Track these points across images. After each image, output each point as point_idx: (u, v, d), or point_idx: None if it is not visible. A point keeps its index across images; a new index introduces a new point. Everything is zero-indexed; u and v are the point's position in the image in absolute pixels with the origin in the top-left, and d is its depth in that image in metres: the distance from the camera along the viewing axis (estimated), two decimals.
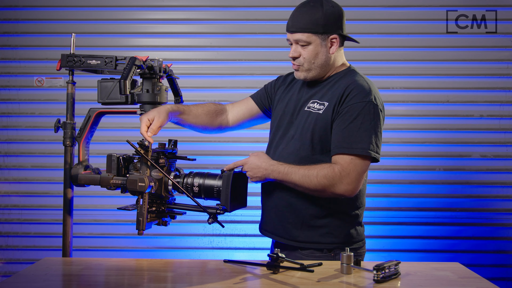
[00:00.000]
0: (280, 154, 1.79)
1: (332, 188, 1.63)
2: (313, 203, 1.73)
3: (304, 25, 1.70)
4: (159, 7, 3.12)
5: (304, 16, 1.71)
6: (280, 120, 1.85)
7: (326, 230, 1.73)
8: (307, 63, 1.74)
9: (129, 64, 1.60)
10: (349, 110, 1.66)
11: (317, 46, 1.72)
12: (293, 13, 1.75)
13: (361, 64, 3.05)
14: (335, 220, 1.74)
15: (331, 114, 1.70)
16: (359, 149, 1.63)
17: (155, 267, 1.62)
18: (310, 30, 1.70)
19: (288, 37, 1.76)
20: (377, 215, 3.05)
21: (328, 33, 1.72)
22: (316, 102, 1.75)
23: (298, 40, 1.72)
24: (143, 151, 1.62)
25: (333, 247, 1.73)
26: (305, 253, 1.74)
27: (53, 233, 3.08)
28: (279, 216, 1.79)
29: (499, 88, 3.05)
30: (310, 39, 1.71)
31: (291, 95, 1.87)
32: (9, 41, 3.13)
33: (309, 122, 1.74)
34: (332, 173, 1.62)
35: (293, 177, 1.65)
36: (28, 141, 3.13)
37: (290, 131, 1.80)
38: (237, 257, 1.76)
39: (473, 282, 1.48)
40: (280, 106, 1.88)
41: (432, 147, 3.05)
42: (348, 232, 1.75)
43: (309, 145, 1.73)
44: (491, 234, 3.05)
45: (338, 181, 1.62)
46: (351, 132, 1.64)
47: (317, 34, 1.71)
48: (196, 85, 3.09)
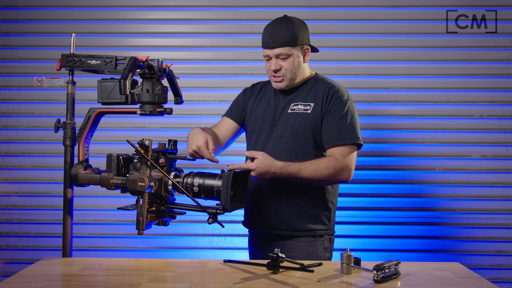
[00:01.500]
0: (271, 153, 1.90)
1: (338, 176, 1.86)
2: (306, 195, 1.95)
3: (284, 40, 1.92)
4: (159, 7, 3.12)
5: (282, 32, 1.92)
6: (262, 124, 2.04)
7: (317, 218, 1.97)
8: (290, 73, 1.95)
9: (129, 64, 1.60)
10: (337, 108, 1.93)
11: (296, 57, 1.95)
12: (269, 31, 1.95)
13: (361, 64, 3.07)
14: (323, 208, 1.98)
15: (319, 112, 1.94)
16: (352, 139, 1.90)
17: (155, 267, 1.62)
18: (289, 44, 1.93)
19: (267, 53, 1.96)
20: (377, 215, 3.05)
21: (302, 44, 1.97)
22: (300, 104, 1.98)
23: (279, 54, 1.93)
24: (143, 151, 1.62)
25: (323, 233, 1.98)
26: (300, 240, 1.95)
27: (53, 233, 3.08)
28: (276, 210, 1.96)
29: (499, 88, 3.05)
30: (290, 51, 1.93)
31: (266, 101, 2.08)
32: (9, 41, 3.13)
33: (298, 121, 1.95)
34: (337, 163, 1.85)
35: (304, 173, 1.83)
36: (28, 141, 3.13)
37: (275, 132, 1.99)
38: (237, 257, 1.76)
39: (473, 282, 1.48)
40: (258, 112, 2.08)
41: (432, 147, 3.05)
42: (332, 218, 2.02)
43: (303, 141, 1.94)
44: (491, 234, 3.05)
45: (342, 169, 1.86)
46: (343, 126, 1.91)
47: (295, 46, 1.94)
48: (196, 85, 3.09)
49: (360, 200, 3.04)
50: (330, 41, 3.06)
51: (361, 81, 3.05)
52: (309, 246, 1.95)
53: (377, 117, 3.06)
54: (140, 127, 3.09)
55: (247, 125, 2.13)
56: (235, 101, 2.21)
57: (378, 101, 3.06)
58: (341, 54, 3.06)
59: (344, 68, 3.03)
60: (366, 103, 3.04)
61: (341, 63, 3.05)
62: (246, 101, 2.17)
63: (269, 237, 1.99)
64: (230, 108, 2.22)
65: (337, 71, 3.02)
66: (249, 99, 2.16)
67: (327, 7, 3.08)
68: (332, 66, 3.04)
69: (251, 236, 2.12)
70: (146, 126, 3.10)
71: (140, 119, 2.94)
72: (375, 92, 3.07)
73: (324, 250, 1.98)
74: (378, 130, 3.04)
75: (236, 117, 2.17)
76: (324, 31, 3.06)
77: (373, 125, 3.06)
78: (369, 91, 3.06)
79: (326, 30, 3.07)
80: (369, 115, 3.04)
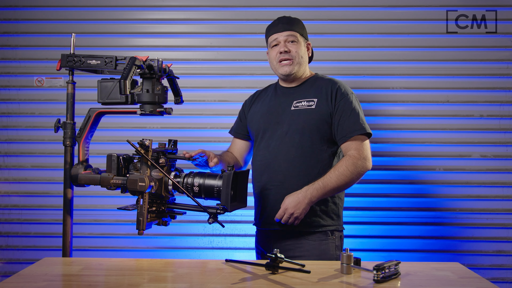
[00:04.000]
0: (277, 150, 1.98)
1: (360, 170, 1.94)
2: None
3: (293, 27, 2.06)
4: (159, 7, 3.12)
5: (291, 21, 2.08)
6: (265, 123, 2.08)
7: (326, 214, 2.00)
8: (297, 57, 2.05)
9: (129, 64, 1.60)
10: (345, 103, 1.99)
11: (302, 46, 2.08)
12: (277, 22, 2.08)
13: (361, 64, 3.07)
14: (331, 203, 2.02)
15: (327, 107, 2.00)
16: (362, 129, 1.97)
17: (155, 267, 1.62)
18: (298, 31, 2.08)
19: (275, 37, 2.05)
20: (377, 215, 3.05)
21: (307, 38, 2.13)
22: (303, 100, 2.03)
23: (289, 35, 2.04)
24: (143, 151, 1.62)
25: (333, 229, 2.01)
26: (311, 238, 1.98)
27: (53, 233, 3.08)
28: None
29: (499, 88, 3.05)
30: (299, 38, 2.07)
31: (267, 103, 2.13)
32: (9, 41, 3.13)
33: (303, 117, 2.00)
34: (355, 159, 1.92)
35: (330, 184, 1.90)
36: (28, 141, 3.13)
37: (279, 129, 2.03)
38: (237, 257, 1.76)
39: (473, 282, 1.48)
40: (259, 115, 2.13)
41: (432, 147, 3.05)
42: (340, 214, 2.07)
43: (309, 136, 1.98)
44: (491, 234, 3.05)
45: (361, 161, 1.93)
46: (355, 119, 1.98)
47: (302, 36, 2.09)
48: (196, 85, 3.09)
49: (360, 200, 3.03)
50: (330, 41, 3.06)
51: (361, 81, 3.05)
52: (321, 244, 1.96)
53: (377, 117, 3.06)
54: (140, 127, 3.09)
55: (250, 130, 2.18)
56: (237, 119, 2.30)
57: (378, 101, 3.06)
58: (341, 54, 3.06)
59: (344, 68, 3.03)
60: (366, 103, 3.04)
61: (341, 63, 3.05)
62: (247, 111, 2.23)
63: (280, 235, 1.99)
64: (235, 126, 2.30)
65: (337, 71, 3.02)
66: (250, 108, 2.22)
67: (327, 7, 3.08)
68: (332, 66, 3.04)
69: (260, 236, 2.11)
70: (146, 126, 3.10)
71: (140, 119, 2.94)
72: (375, 92, 3.06)
73: (336, 248, 1.99)
74: (378, 130, 3.04)
75: (241, 135, 2.25)
76: (324, 31, 3.06)
77: (373, 125, 3.04)
78: (369, 91, 3.06)
79: (326, 30, 3.07)
80: (369, 115, 3.04)
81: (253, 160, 2.14)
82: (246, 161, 2.27)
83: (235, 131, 2.28)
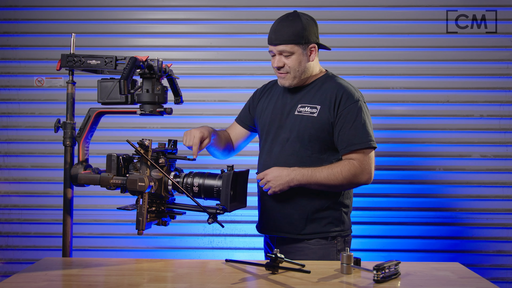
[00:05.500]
0: (278, 156, 1.93)
1: (356, 179, 1.86)
2: (315, 198, 1.91)
3: (287, 37, 1.88)
4: (159, 7, 3.12)
5: (286, 29, 1.89)
6: (270, 125, 2.02)
7: (328, 221, 1.93)
8: (293, 71, 1.92)
9: (129, 64, 1.60)
10: (348, 111, 1.90)
11: (300, 55, 1.91)
12: (274, 27, 1.93)
13: (361, 64, 3.07)
14: (334, 211, 1.94)
15: (328, 116, 1.90)
16: (367, 142, 1.88)
17: (155, 267, 1.62)
18: (293, 41, 1.89)
19: (271, 49, 1.93)
20: (377, 215, 3.05)
21: (308, 42, 1.92)
22: (307, 106, 1.94)
23: (282, 51, 1.90)
24: (143, 151, 1.62)
25: (335, 235, 1.93)
26: (311, 243, 1.92)
27: (53, 233, 3.08)
28: (284, 214, 1.94)
29: (499, 88, 3.05)
30: (293, 49, 1.90)
31: (274, 102, 2.05)
32: (9, 41, 3.13)
33: (304, 124, 1.92)
34: (354, 168, 1.85)
35: (318, 177, 1.84)
36: (28, 141, 3.13)
37: (282, 134, 1.97)
38: (237, 257, 1.76)
39: (473, 282, 1.48)
40: (267, 113, 2.05)
41: (432, 147, 3.05)
42: (345, 220, 1.97)
43: (308, 145, 1.91)
44: (491, 234, 3.05)
45: (360, 173, 1.86)
46: (357, 130, 1.88)
47: (299, 44, 1.90)
48: (196, 85, 3.09)
49: (360, 200, 3.03)
50: (331, 41, 3.01)
51: (361, 81, 3.05)
52: (321, 249, 1.92)
53: (377, 117, 3.05)
54: (140, 127, 3.09)
55: (258, 126, 2.12)
56: (245, 106, 2.21)
57: (378, 101, 3.06)
58: (341, 54, 3.05)
59: (344, 68, 3.03)
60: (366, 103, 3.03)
61: (341, 63, 3.05)
62: (256, 104, 2.14)
63: (281, 240, 1.97)
64: (241, 112, 2.22)
65: (337, 71, 2.97)
66: (259, 101, 2.13)
67: (328, 7, 3.08)
68: (332, 66, 3.00)
69: (267, 239, 2.09)
70: (146, 126, 3.10)
71: (140, 119, 2.94)
72: (375, 92, 3.06)
73: (337, 252, 1.93)
74: (378, 130, 3.03)
75: (243, 123, 2.17)
76: (325, 31, 3.03)
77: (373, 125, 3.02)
78: (369, 91, 3.06)
79: (327, 30, 3.06)
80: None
81: (258, 161, 2.11)
82: (239, 147, 2.20)
83: (240, 119, 2.20)
